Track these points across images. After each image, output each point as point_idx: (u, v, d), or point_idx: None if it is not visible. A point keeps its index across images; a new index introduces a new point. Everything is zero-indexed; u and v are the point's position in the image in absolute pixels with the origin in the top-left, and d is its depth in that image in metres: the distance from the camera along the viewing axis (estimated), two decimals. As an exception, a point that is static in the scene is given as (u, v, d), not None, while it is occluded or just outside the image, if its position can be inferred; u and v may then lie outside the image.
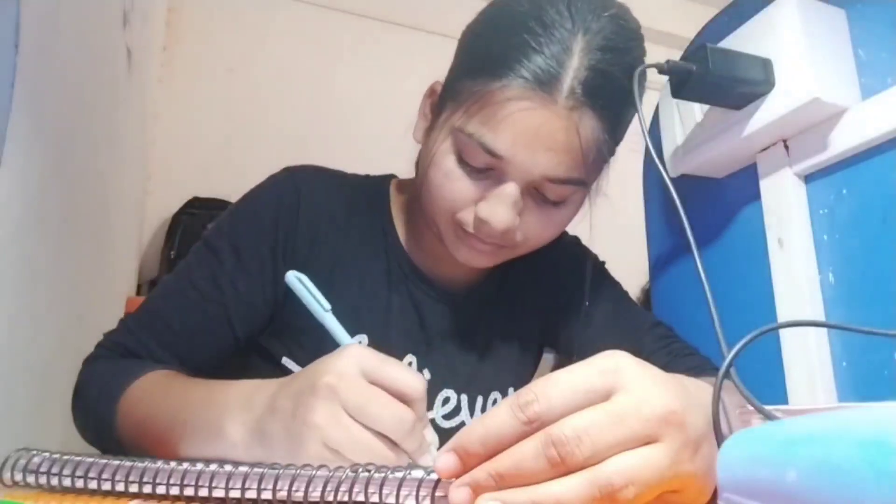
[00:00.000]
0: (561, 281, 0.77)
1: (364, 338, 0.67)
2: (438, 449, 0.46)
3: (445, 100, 0.62)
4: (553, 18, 0.55)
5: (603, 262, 0.81)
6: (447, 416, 0.71)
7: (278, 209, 0.67)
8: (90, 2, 0.88)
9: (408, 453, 0.42)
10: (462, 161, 0.58)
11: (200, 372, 0.62)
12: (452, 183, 0.59)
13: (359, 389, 0.41)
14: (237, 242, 0.65)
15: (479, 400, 0.73)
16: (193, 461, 0.35)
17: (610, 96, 0.57)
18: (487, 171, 0.58)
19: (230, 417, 0.45)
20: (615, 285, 0.79)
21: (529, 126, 0.55)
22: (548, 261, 0.76)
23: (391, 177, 0.77)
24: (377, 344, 0.66)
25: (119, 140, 1.21)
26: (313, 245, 0.67)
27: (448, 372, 0.71)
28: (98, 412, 0.58)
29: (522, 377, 0.78)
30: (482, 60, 0.58)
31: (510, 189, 0.57)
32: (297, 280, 0.52)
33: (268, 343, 0.68)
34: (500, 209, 0.57)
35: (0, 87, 0.54)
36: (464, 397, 0.72)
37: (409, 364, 0.69)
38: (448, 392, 0.71)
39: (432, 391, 0.70)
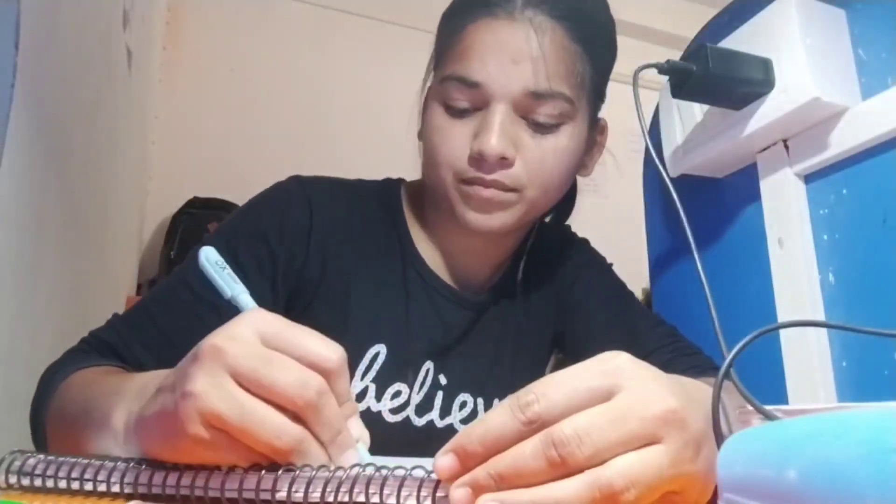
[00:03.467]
0: (569, 282, 0.77)
1: (383, 348, 0.67)
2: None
3: (429, 77, 0.67)
4: None
5: (611, 264, 0.81)
6: (464, 421, 0.70)
7: (286, 221, 0.65)
8: (90, 2, 0.88)
9: (321, 443, 0.34)
10: (449, 109, 0.62)
11: None
12: (444, 134, 0.62)
13: (251, 351, 0.33)
14: (237, 246, 0.63)
15: (496, 403, 0.72)
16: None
17: (565, 5, 0.61)
18: (474, 111, 0.61)
19: (119, 406, 0.40)
20: (622, 286, 0.79)
21: (492, 43, 0.60)
22: (558, 261, 0.76)
23: (401, 181, 0.76)
24: (396, 353, 0.67)
25: (119, 140, 1.21)
26: (326, 259, 0.66)
27: (465, 376, 0.71)
28: (39, 394, 0.55)
29: (536, 378, 0.78)
30: (449, 21, 0.65)
31: (495, 112, 0.60)
32: (206, 262, 0.43)
33: None
34: (490, 135, 0.59)
35: (0, 87, 0.54)
36: (480, 401, 0.72)
37: (427, 371, 0.69)
38: (465, 396, 0.71)
39: (449, 396, 0.70)
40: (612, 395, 0.31)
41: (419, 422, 0.68)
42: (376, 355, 0.66)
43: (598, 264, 0.79)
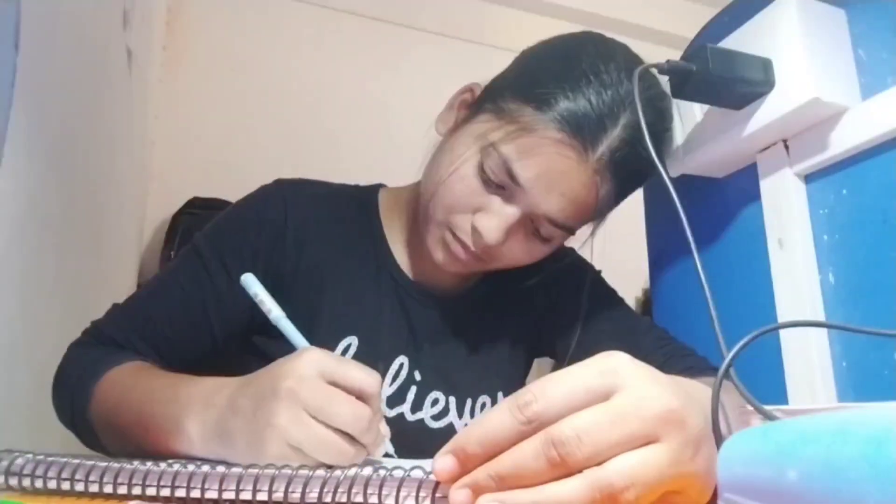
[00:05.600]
0: (556, 289, 0.78)
1: (354, 340, 0.69)
2: (399, 445, 0.51)
3: (483, 105, 0.65)
4: (612, 80, 0.60)
5: (599, 271, 0.81)
6: (435, 417, 0.72)
7: (264, 218, 0.70)
8: (90, 2, 0.88)
9: (365, 446, 0.45)
10: (481, 170, 0.62)
11: (179, 368, 0.63)
12: (464, 186, 0.63)
13: (318, 390, 0.44)
14: (222, 246, 0.69)
15: (468, 403, 0.74)
16: (185, 462, 0.35)
17: (633, 174, 0.63)
18: (499, 188, 0.62)
19: (190, 414, 0.48)
20: (612, 292, 0.80)
21: (557, 168, 0.60)
22: (542, 269, 0.76)
23: (379, 186, 0.80)
24: (368, 346, 0.69)
25: (119, 140, 1.21)
26: (301, 253, 0.70)
27: (437, 374, 0.73)
28: (74, 394, 0.60)
29: (512, 382, 0.79)
30: (534, 86, 0.61)
31: (512, 212, 0.62)
32: (252, 284, 0.53)
33: (259, 341, 0.69)
34: (495, 225, 0.62)
35: (0, 87, 0.54)
36: (452, 399, 0.73)
37: (401, 365, 0.71)
38: (437, 394, 0.72)
39: (422, 392, 0.72)
40: (611, 394, 0.31)
41: (389, 413, 0.70)
42: (348, 346, 0.69)
43: (586, 271, 0.80)
